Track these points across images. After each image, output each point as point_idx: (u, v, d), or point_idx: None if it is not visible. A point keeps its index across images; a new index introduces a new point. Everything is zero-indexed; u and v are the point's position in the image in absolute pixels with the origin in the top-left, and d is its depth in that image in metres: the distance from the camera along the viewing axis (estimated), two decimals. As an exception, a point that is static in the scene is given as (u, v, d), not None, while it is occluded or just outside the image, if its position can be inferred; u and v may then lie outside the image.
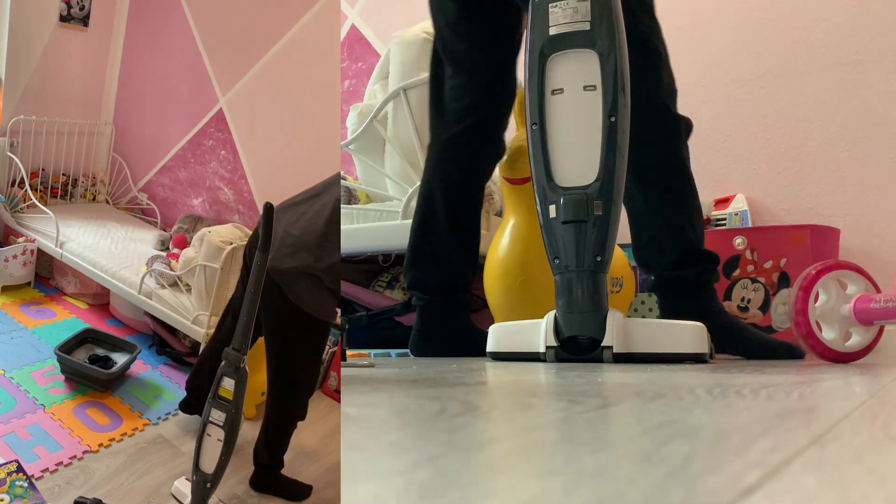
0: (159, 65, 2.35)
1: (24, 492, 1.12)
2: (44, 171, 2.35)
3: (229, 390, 0.97)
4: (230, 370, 0.97)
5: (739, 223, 2.50)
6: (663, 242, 1.53)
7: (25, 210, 2.18)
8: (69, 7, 2.30)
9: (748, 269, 2.20)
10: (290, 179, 2.03)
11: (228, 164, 2.17)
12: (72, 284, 2.04)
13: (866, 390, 0.65)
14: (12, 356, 1.64)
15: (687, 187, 1.55)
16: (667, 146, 1.53)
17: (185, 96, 2.26)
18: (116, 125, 2.51)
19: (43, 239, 2.04)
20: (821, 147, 2.59)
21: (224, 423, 0.96)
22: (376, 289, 2.40)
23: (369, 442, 0.34)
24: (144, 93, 2.42)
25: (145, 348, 1.77)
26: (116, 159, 2.51)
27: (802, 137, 2.62)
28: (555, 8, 1.32)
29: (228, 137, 2.15)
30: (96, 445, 1.35)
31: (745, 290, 2.19)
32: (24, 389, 1.51)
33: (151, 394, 1.60)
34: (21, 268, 2.01)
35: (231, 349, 0.98)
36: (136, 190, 2.46)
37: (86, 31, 2.37)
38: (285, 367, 1.18)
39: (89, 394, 1.54)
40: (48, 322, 1.86)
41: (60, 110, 2.36)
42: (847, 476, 0.25)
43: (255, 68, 2.05)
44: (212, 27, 2.17)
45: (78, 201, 2.44)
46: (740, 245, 2.20)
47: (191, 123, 2.25)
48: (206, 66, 2.18)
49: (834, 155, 2.57)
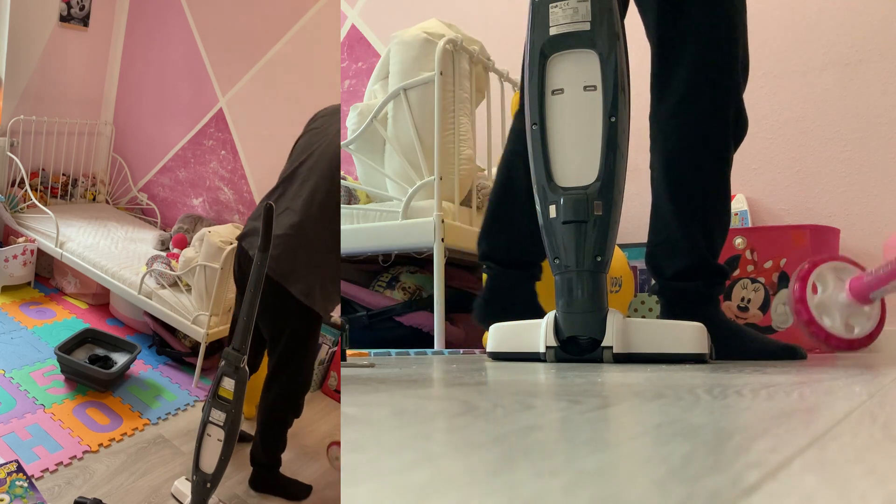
0: (159, 65, 2.35)
1: (24, 492, 1.12)
2: (44, 171, 2.35)
3: (229, 390, 0.97)
4: (230, 370, 0.97)
5: (739, 223, 2.50)
6: (675, 248, 1.51)
7: (25, 210, 2.18)
8: (69, 7, 2.30)
9: (748, 269, 2.20)
10: (290, 179, 2.03)
11: (228, 164, 2.17)
12: (72, 284, 2.04)
13: (866, 390, 0.65)
14: (12, 356, 1.64)
15: (717, 197, 1.52)
16: (709, 151, 1.51)
17: (185, 96, 2.26)
18: (116, 125, 2.51)
19: (43, 239, 2.04)
20: (821, 147, 2.59)
21: (224, 423, 0.96)
22: (376, 289, 2.40)
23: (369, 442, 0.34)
24: (144, 93, 2.42)
25: (145, 348, 1.77)
26: (116, 159, 2.51)
27: (802, 137, 2.62)
28: (555, 8, 1.32)
29: (228, 137, 2.15)
30: (96, 445, 1.35)
31: (745, 290, 2.19)
32: (24, 389, 1.51)
33: (151, 394, 1.60)
34: (21, 268, 2.01)
35: (231, 349, 0.98)
36: (136, 190, 2.46)
37: (86, 31, 2.37)
38: (285, 363, 1.18)
39: (89, 394, 1.54)
40: (48, 322, 1.86)
41: (60, 110, 2.36)
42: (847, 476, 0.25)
43: (255, 68, 2.05)
44: (212, 27, 2.17)
45: (78, 201, 2.44)
46: (740, 245, 2.21)
47: (191, 123, 2.25)
48: (206, 66, 2.18)
49: (834, 155, 2.57)
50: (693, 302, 1.49)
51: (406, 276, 2.41)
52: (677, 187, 1.50)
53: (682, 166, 1.49)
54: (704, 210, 1.50)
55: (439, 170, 2.15)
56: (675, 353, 1.24)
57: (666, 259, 1.53)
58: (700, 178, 1.50)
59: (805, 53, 2.62)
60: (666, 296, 1.54)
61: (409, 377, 0.86)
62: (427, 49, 2.27)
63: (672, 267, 1.51)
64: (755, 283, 2.18)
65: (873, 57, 2.53)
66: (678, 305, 1.50)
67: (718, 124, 1.49)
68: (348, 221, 2.31)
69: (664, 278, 1.54)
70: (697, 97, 1.48)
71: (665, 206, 1.52)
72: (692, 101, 1.48)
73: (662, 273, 1.54)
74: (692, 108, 1.48)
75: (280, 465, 1.20)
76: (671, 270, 1.51)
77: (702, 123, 1.48)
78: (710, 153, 1.50)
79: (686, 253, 1.50)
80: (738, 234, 2.21)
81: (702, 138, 1.49)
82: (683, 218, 1.50)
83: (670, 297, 1.53)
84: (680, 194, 1.50)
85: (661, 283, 1.55)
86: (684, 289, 1.50)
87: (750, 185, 2.64)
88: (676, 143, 1.50)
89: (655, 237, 1.55)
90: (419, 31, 2.32)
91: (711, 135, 1.49)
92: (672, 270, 1.51)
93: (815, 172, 2.59)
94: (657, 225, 1.55)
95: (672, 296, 1.53)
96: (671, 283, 1.52)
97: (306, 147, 1.22)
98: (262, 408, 1.21)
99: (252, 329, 0.99)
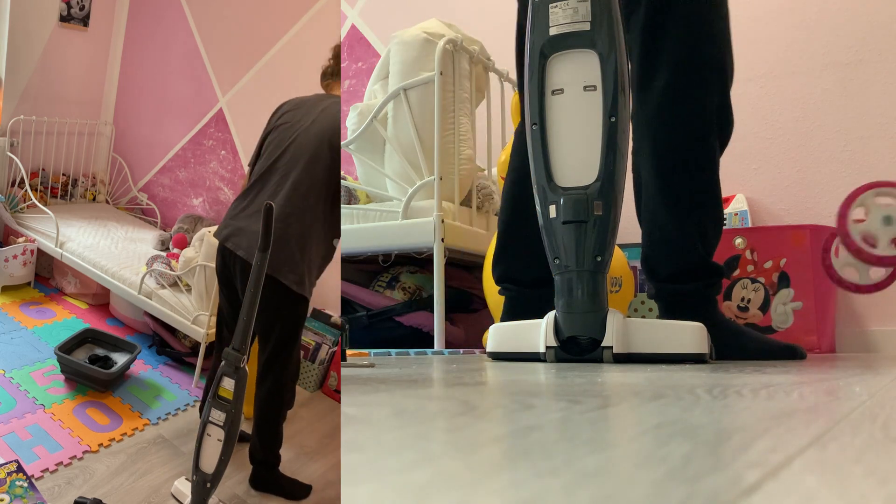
0: (159, 65, 2.35)
1: (24, 492, 1.12)
2: (44, 171, 2.35)
3: (229, 390, 0.97)
4: (230, 370, 0.97)
5: (739, 223, 2.50)
6: (670, 249, 1.50)
7: (25, 210, 2.18)
8: (69, 7, 2.30)
9: (748, 269, 2.20)
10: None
11: (228, 164, 2.17)
12: (72, 284, 2.04)
13: (866, 390, 0.65)
14: (12, 356, 1.64)
15: (707, 195, 1.52)
16: (695, 150, 1.51)
17: (185, 96, 2.26)
18: (116, 125, 2.51)
19: (43, 239, 2.04)
20: (821, 147, 2.59)
21: (224, 423, 0.96)
22: (376, 289, 2.40)
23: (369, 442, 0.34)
24: (144, 93, 2.42)
25: (145, 348, 1.77)
26: (116, 159, 2.51)
27: (802, 137, 2.62)
28: (555, 8, 1.32)
29: (228, 137, 2.15)
30: (96, 445, 1.35)
31: (745, 290, 2.19)
32: (24, 389, 1.51)
33: (151, 394, 1.60)
34: (21, 268, 2.01)
35: (231, 349, 0.98)
36: (136, 190, 2.46)
37: (86, 31, 2.37)
38: (277, 354, 1.19)
39: (89, 394, 1.54)
40: (48, 322, 1.86)
41: (60, 110, 2.36)
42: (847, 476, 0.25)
43: (255, 68, 2.05)
44: (212, 27, 2.17)
45: (78, 201, 2.44)
46: (740, 245, 2.21)
47: (191, 123, 2.25)
48: (206, 66, 2.18)
49: (834, 155, 2.57)
50: (691, 304, 1.48)
51: (406, 276, 2.41)
52: (667, 188, 1.49)
53: (670, 167, 1.49)
54: (696, 209, 1.50)
55: (439, 170, 2.15)
56: (675, 353, 1.24)
57: (662, 261, 1.52)
58: (689, 177, 1.49)
59: (805, 54, 2.62)
60: (663, 299, 1.53)
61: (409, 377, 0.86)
62: (427, 49, 2.27)
63: (668, 268, 1.51)
64: (755, 283, 2.18)
65: (873, 57, 2.53)
66: (677, 308, 1.50)
67: (701, 124, 1.49)
68: (348, 221, 2.31)
69: (660, 280, 1.53)
70: (681, 97, 1.47)
71: (657, 209, 1.51)
72: (675, 102, 1.47)
73: (658, 275, 1.53)
74: (676, 109, 1.48)
75: (279, 462, 1.20)
76: (667, 272, 1.51)
77: (686, 123, 1.48)
78: (696, 152, 1.49)
79: (681, 254, 1.49)
80: (738, 234, 2.21)
81: (686, 138, 1.49)
82: (676, 219, 1.49)
83: (668, 301, 1.52)
84: (669, 195, 1.50)
85: (657, 287, 1.54)
86: (682, 291, 1.50)
87: (750, 185, 2.64)
88: (662, 143, 1.49)
89: (649, 238, 1.54)
90: (419, 31, 2.32)
91: (695, 134, 1.49)
92: (668, 272, 1.51)
93: (815, 172, 2.59)
94: (650, 227, 1.54)
95: (670, 299, 1.52)
96: (668, 285, 1.51)
97: (278, 144, 1.23)
98: (256, 403, 1.21)
99: (252, 329, 0.99)
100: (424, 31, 2.31)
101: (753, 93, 2.64)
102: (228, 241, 1.23)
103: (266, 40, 2.00)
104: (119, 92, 2.49)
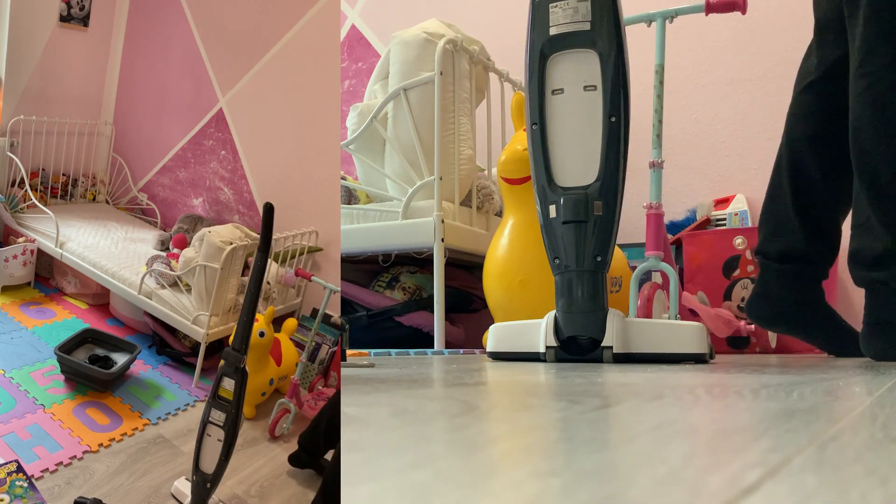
0: (159, 65, 2.35)
1: (24, 492, 1.12)
2: (44, 171, 2.35)
3: (229, 390, 0.97)
4: (230, 370, 0.97)
5: (739, 223, 2.50)
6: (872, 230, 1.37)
7: (25, 210, 2.18)
8: (69, 7, 2.30)
9: (748, 270, 2.20)
10: (290, 179, 2.03)
11: (228, 164, 2.17)
12: (72, 284, 2.04)
13: (866, 390, 0.65)
14: (12, 356, 1.64)
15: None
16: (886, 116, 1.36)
17: (185, 96, 2.26)
18: (116, 125, 2.51)
19: (43, 239, 2.04)
20: (821, 147, 2.59)
21: (224, 423, 0.96)
22: (376, 289, 2.40)
23: (369, 442, 0.34)
24: (144, 93, 2.42)
25: (145, 348, 1.77)
26: (116, 159, 2.51)
27: (802, 137, 2.61)
28: (555, 8, 1.32)
29: (228, 137, 2.15)
30: (96, 445, 1.35)
31: (745, 290, 2.19)
32: (24, 389, 1.51)
33: (151, 394, 1.60)
34: (21, 268, 2.01)
35: (231, 349, 0.98)
36: (136, 190, 2.46)
37: (86, 31, 2.37)
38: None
39: (89, 394, 1.54)
40: (48, 322, 1.86)
41: (60, 110, 2.36)
42: (847, 476, 0.25)
43: (255, 68, 2.05)
44: (212, 27, 2.17)
45: (78, 201, 2.44)
46: (740, 245, 2.21)
47: (191, 123, 2.25)
48: (206, 66, 2.18)
49: (834, 155, 2.57)
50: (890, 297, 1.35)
51: (406, 276, 2.41)
52: (862, 163, 1.36)
53: (865, 138, 1.35)
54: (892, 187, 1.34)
55: (439, 170, 2.15)
56: (675, 353, 1.24)
57: (865, 242, 1.38)
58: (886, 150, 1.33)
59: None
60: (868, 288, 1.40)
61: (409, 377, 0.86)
62: (427, 49, 2.27)
63: (872, 252, 1.37)
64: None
65: (873, 57, 2.53)
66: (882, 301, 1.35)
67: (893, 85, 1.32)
68: (348, 221, 2.31)
69: (864, 266, 1.39)
70: (873, 54, 1.33)
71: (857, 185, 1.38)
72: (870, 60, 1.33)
73: (862, 260, 1.39)
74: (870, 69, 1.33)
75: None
76: (871, 257, 1.38)
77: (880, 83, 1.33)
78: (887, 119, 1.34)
79: (880, 236, 1.36)
80: (738, 234, 2.21)
81: (879, 103, 1.33)
82: (871, 198, 1.36)
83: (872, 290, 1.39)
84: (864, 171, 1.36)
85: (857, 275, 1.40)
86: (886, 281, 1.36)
87: (750, 185, 2.64)
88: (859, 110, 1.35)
89: (856, 219, 1.41)
90: (419, 31, 2.32)
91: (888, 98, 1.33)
92: (872, 257, 1.37)
93: (815, 172, 2.59)
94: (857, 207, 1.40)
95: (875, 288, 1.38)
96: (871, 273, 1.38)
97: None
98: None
99: (252, 328, 0.99)
100: (424, 31, 2.31)
101: (754, 93, 2.64)
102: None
103: (266, 40, 2.00)
104: (119, 92, 2.49)
